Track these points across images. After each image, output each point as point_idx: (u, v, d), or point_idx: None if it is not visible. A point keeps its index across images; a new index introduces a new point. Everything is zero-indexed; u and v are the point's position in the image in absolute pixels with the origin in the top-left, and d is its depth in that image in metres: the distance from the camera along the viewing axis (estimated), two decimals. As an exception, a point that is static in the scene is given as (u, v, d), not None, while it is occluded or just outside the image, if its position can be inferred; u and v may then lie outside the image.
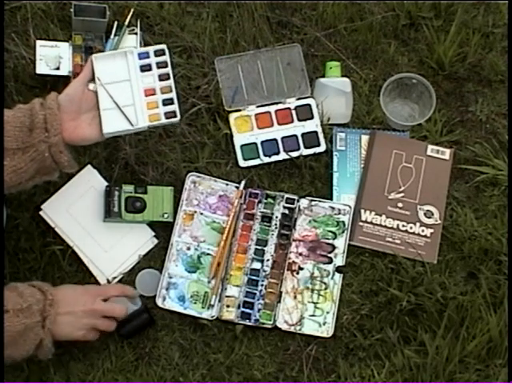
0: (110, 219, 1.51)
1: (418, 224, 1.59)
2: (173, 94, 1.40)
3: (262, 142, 1.61)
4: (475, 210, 1.62)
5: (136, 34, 1.60)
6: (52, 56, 1.55)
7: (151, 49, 1.42)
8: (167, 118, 1.39)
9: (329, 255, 1.57)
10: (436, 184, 1.61)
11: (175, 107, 1.40)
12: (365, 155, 1.62)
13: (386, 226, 1.58)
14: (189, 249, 1.55)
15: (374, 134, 1.62)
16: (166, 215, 1.53)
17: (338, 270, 1.56)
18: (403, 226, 1.58)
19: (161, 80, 1.41)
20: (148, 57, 1.41)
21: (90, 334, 1.41)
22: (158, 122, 1.39)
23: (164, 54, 1.42)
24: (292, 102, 1.63)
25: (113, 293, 1.45)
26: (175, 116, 1.39)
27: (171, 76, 1.41)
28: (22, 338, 1.30)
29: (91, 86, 1.37)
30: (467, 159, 1.64)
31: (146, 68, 1.41)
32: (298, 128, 1.63)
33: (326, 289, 1.55)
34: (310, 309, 1.54)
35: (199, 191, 1.57)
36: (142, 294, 1.52)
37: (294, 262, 1.56)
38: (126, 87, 1.39)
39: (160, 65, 1.41)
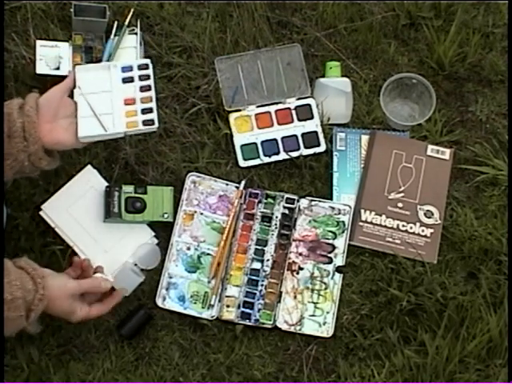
0: (109, 220, 1.51)
1: (418, 224, 1.59)
2: (152, 104, 1.41)
3: (262, 142, 1.61)
4: (475, 210, 1.62)
5: (136, 33, 1.60)
6: (52, 56, 1.55)
7: (135, 63, 1.43)
8: (145, 125, 1.40)
9: (329, 255, 1.57)
10: (436, 184, 1.61)
11: (154, 115, 1.40)
12: (365, 155, 1.62)
13: (386, 226, 1.58)
14: (189, 249, 1.55)
15: (374, 134, 1.62)
16: (166, 215, 1.53)
17: (338, 270, 1.56)
18: (403, 226, 1.59)
19: (142, 91, 1.42)
20: (131, 70, 1.43)
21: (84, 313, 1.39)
22: (136, 128, 1.40)
23: (147, 68, 1.43)
24: (292, 102, 1.63)
25: (92, 291, 1.41)
26: (153, 124, 1.40)
27: (153, 88, 1.42)
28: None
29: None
30: (467, 159, 1.64)
31: (128, 80, 1.42)
32: (298, 128, 1.63)
33: (326, 289, 1.55)
34: (310, 309, 1.54)
35: (199, 191, 1.57)
36: (142, 267, 1.52)
37: (293, 262, 1.56)
38: (107, 97, 1.41)
39: (142, 77, 1.42)
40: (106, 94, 1.41)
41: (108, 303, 1.42)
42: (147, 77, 1.42)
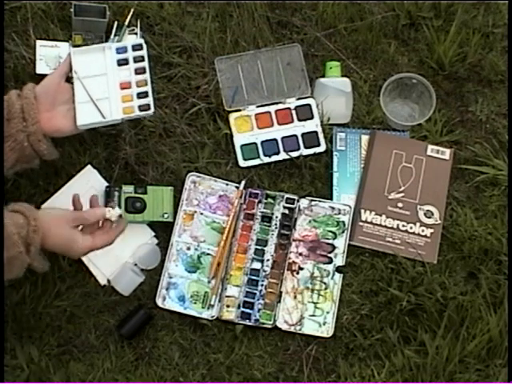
0: (110, 219, 1.51)
1: (417, 224, 1.59)
2: (148, 88, 1.42)
3: (262, 142, 1.61)
4: (475, 210, 1.62)
5: (136, 33, 1.60)
6: (52, 56, 1.55)
7: (129, 43, 1.44)
8: (141, 111, 1.41)
9: (329, 255, 1.57)
10: (436, 184, 1.61)
11: (149, 100, 1.42)
12: (365, 155, 1.62)
13: (386, 226, 1.58)
14: (189, 249, 1.55)
15: (374, 134, 1.62)
16: (166, 215, 1.53)
17: (338, 270, 1.56)
18: (403, 225, 1.59)
19: (137, 74, 1.43)
20: (126, 51, 1.44)
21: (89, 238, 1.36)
22: (132, 114, 1.41)
23: (141, 48, 1.44)
24: (292, 102, 1.63)
25: (93, 219, 1.37)
26: (149, 109, 1.41)
27: (147, 70, 1.43)
28: (7, 266, 1.25)
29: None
30: (467, 159, 1.64)
31: (123, 62, 1.43)
32: (298, 128, 1.63)
33: (326, 289, 1.55)
34: (310, 309, 1.54)
35: (199, 191, 1.57)
36: (142, 267, 1.53)
37: (293, 262, 1.56)
38: (103, 81, 1.42)
39: (137, 59, 1.44)
40: (102, 77, 1.42)
41: (112, 232, 1.39)
42: (141, 58, 1.44)
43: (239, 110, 1.62)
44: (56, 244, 1.32)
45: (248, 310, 1.53)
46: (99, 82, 1.41)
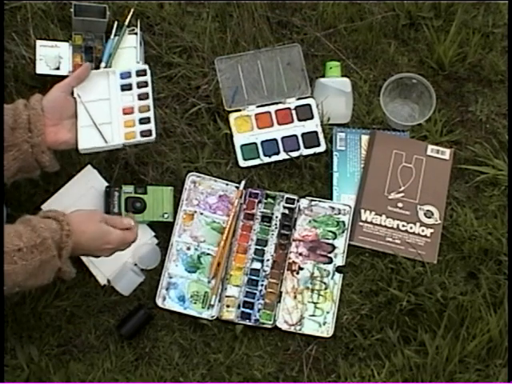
0: (110, 219, 1.51)
1: (418, 224, 1.59)
2: (150, 113, 1.43)
3: (262, 142, 1.61)
4: (475, 209, 1.62)
5: (136, 33, 1.60)
6: (52, 56, 1.55)
7: (133, 68, 1.45)
8: (143, 137, 1.42)
9: (329, 255, 1.57)
10: (436, 184, 1.61)
11: (151, 126, 1.43)
12: (365, 155, 1.62)
13: (386, 226, 1.58)
14: (189, 249, 1.55)
15: (374, 134, 1.62)
16: (166, 215, 1.53)
17: (338, 270, 1.56)
18: (403, 225, 1.59)
19: (140, 99, 1.44)
20: (129, 76, 1.45)
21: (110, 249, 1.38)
22: (134, 139, 1.42)
23: (145, 74, 1.45)
24: (292, 102, 1.63)
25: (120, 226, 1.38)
26: (150, 135, 1.42)
27: (150, 96, 1.44)
28: (39, 270, 1.26)
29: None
30: (467, 159, 1.64)
31: (126, 87, 1.44)
32: (298, 128, 1.63)
33: (326, 289, 1.55)
34: (310, 309, 1.54)
35: (199, 191, 1.57)
36: (142, 267, 1.53)
37: (293, 262, 1.56)
38: (105, 105, 1.43)
39: (140, 84, 1.44)
40: (104, 101, 1.43)
41: (134, 229, 1.39)
42: (145, 84, 1.44)
43: (239, 110, 1.62)
44: (90, 238, 1.32)
45: (248, 310, 1.53)
46: (102, 106, 1.42)
